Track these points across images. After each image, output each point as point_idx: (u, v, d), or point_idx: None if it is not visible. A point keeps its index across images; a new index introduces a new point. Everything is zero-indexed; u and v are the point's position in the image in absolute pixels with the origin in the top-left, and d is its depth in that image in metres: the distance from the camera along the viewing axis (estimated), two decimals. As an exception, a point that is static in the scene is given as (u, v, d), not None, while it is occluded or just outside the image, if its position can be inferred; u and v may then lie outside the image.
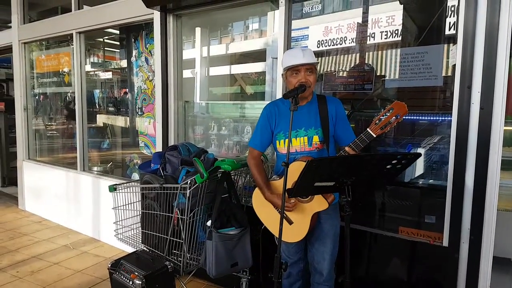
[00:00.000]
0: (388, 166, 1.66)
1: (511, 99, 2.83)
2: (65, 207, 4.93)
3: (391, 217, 2.78)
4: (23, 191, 5.70)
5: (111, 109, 5.28)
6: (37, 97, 5.86)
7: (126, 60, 4.86)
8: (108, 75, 5.34)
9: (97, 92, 5.41)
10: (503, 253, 2.64)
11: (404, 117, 1.93)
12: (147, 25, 3.96)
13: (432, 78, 2.45)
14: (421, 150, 2.76)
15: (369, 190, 2.74)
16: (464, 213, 2.16)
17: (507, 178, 2.91)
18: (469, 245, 2.14)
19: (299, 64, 2.07)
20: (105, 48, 5.53)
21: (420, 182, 2.79)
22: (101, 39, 5.43)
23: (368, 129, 1.95)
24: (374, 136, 1.94)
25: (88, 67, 5.11)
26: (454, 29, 2.39)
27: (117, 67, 5.31)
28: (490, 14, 2.01)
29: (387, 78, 2.75)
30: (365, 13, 2.82)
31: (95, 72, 5.43)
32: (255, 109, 3.84)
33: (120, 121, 5.17)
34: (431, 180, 2.75)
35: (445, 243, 2.24)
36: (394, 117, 1.91)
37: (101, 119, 5.36)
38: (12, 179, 6.65)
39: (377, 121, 1.94)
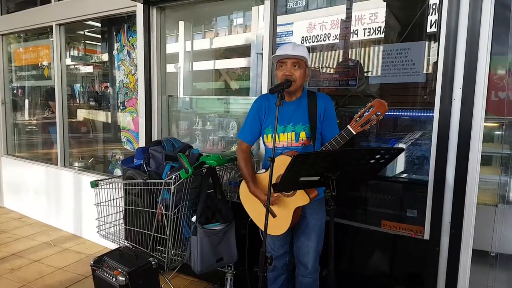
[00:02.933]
0: (372, 161, 1.68)
1: (491, 95, 2.90)
2: (45, 204, 4.83)
3: (374, 211, 2.82)
4: (1, 187, 5.55)
5: (92, 103, 5.19)
6: (15, 91, 5.71)
7: (107, 54, 4.77)
8: (89, 69, 5.23)
9: (77, 86, 5.31)
10: (481, 246, 2.71)
11: (387, 113, 1.95)
12: (130, 18, 3.89)
13: (415, 74, 2.48)
14: (403, 146, 2.80)
15: (353, 185, 2.77)
16: (444, 207, 2.20)
17: (486, 173, 2.98)
18: (449, 238, 2.19)
19: (285, 56, 2.07)
20: (86, 41, 5.41)
21: (402, 177, 2.83)
22: (82, 32, 5.31)
23: (348, 126, 1.95)
24: (354, 133, 1.94)
25: (68, 61, 4.99)
26: (435, 27, 2.42)
27: (98, 60, 5.21)
28: (472, 11, 2.05)
29: (370, 74, 2.78)
30: (349, 10, 2.83)
31: (76, 66, 5.31)
32: (240, 104, 3.82)
33: (102, 116, 5.08)
34: (413, 175, 2.80)
35: (426, 236, 2.29)
36: (374, 115, 1.92)
37: (82, 114, 5.25)
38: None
39: (358, 118, 1.94)
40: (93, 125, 5.24)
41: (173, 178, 2.39)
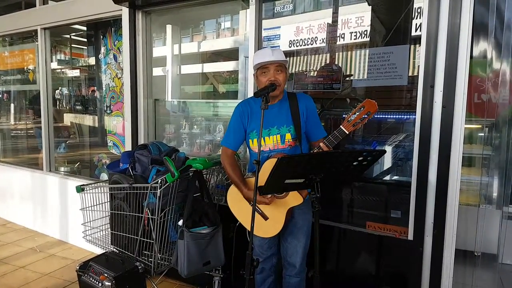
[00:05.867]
0: (355, 163, 1.71)
1: (474, 98, 2.95)
2: (31, 209, 4.77)
3: (359, 212, 2.86)
4: (-15, 193, 5.47)
5: (78, 107, 5.14)
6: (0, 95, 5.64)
7: (94, 58, 4.74)
8: (76, 72, 5.19)
9: (64, 90, 5.26)
10: (465, 246, 2.75)
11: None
12: (116, 22, 3.88)
13: (397, 77, 2.51)
14: (387, 148, 2.84)
15: (337, 187, 2.79)
16: (427, 208, 2.24)
17: (469, 174, 3.03)
18: (432, 239, 2.23)
19: (268, 62, 2.09)
20: (72, 45, 5.37)
21: (387, 178, 2.87)
22: (68, 36, 5.27)
23: (341, 126, 2.01)
24: (347, 132, 2.00)
25: (54, 65, 4.96)
26: (420, 31, 2.42)
27: (84, 64, 5.17)
28: (452, 15, 2.09)
29: (354, 78, 2.81)
30: (335, 14, 2.86)
31: (62, 70, 5.26)
32: (227, 107, 3.83)
33: (88, 120, 5.04)
34: (397, 176, 2.84)
35: (410, 237, 2.31)
36: (365, 115, 1.97)
37: (68, 118, 5.20)
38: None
39: (349, 118, 2.00)
40: (80, 129, 5.19)
41: (159, 182, 2.38)
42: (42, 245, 4.28)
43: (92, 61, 4.88)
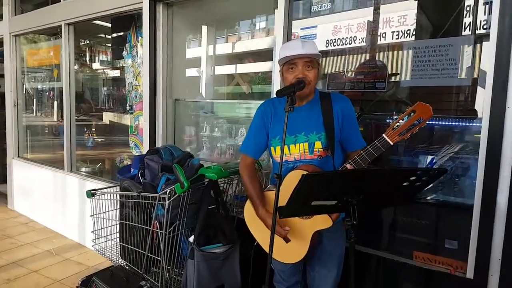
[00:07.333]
0: (405, 183, 1.32)
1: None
2: (52, 209, 4.70)
3: (404, 238, 2.43)
4: (12, 190, 5.48)
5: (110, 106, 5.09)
6: (47, 93, 5.67)
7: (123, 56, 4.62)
8: (116, 73, 5.11)
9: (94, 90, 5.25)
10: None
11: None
12: (139, 17, 3.68)
13: (456, 76, 2.16)
14: (437, 159, 2.41)
15: (378, 211, 2.38)
16: (494, 239, 1.82)
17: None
18: (499, 279, 1.81)
19: (295, 56, 1.74)
20: (107, 45, 5.33)
21: (440, 199, 2.42)
22: (103, 36, 5.22)
23: (384, 135, 1.62)
24: (391, 143, 1.61)
25: (97, 65, 5.14)
26: (469, 30, 2.24)
27: (118, 65, 5.09)
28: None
29: (402, 78, 2.46)
30: (376, 12, 2.62)
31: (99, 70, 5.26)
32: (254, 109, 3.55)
33: (114, 119, 4.95)
34: (452, 197, 2.39)
35: (469, 274, 1.91)
36: (416, 121, 1.59)
37: (107, 117, 5.19)
38: (5, 177, 6.44)
39: (395, 125, 1.61)
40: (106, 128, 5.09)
41: (167, 192, 2.09)
42: (60, 247, 4.16)
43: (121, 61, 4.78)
